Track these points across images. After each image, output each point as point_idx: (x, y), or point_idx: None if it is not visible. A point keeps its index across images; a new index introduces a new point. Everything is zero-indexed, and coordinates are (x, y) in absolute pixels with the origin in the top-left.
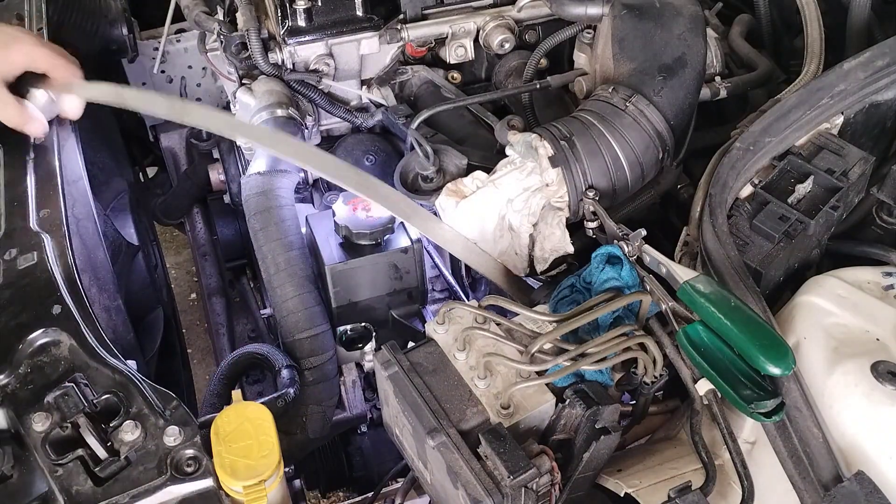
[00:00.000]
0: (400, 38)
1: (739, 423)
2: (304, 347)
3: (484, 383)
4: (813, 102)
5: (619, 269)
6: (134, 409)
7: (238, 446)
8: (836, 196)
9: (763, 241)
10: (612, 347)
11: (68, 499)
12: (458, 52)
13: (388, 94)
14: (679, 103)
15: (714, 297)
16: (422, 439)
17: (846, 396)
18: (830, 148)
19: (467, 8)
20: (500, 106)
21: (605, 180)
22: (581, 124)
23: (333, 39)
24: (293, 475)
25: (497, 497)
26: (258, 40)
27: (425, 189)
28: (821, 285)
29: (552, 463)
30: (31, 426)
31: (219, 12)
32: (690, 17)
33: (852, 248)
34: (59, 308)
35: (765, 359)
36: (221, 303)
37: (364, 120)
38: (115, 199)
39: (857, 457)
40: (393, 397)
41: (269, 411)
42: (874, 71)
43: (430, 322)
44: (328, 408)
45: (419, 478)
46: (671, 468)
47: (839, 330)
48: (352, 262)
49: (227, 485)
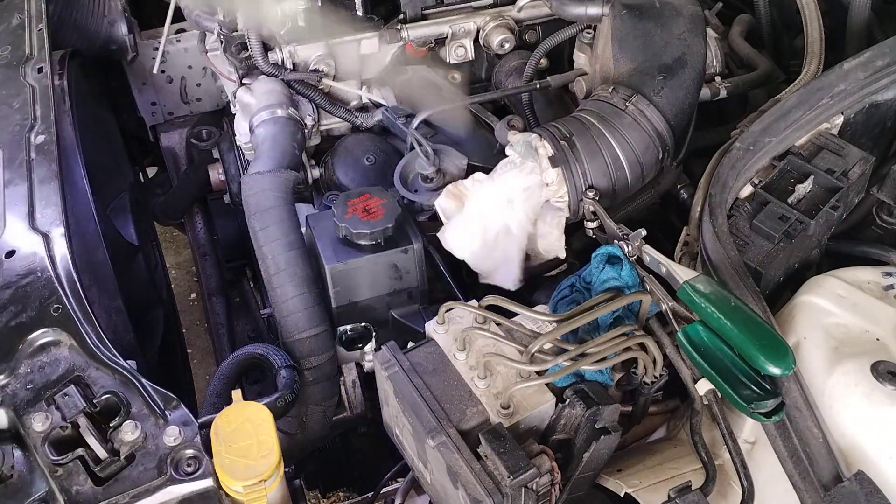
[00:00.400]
0: (400, 38)
1: (739, 423)
2: (304, 347)
3: (484, 383)
4: (813, 102)
5: (619, 269)
6: (134, 409)
7: (238, 446)
8: (836, 196)
9: (763, 241)
10: (612, 347)
11: (68, 499)
12: (458, 52)
13: (388, 94)
14: (679, 103)
15: (714, 297)
16: (422, 439)
17: (846, 396)
18: (830, 148)
19: (467, 8)
20: (500, 106)
21: (605, 180)
22: (581, 124)
23: (333, 39)
24: (293, 475)
25: (497, 497)
26: (258, 40)
27: (425, 189)
28: (821, 285)
29: (552, 463)
30: (31, 426)
31: (219, 12)
32: (690, 17)
33: (852, 248)
34: (59, 308)
35: (765, 359)
36: (221, 303)
37: (364, 120)
38: (115, 199)
39: (857, 457)
40: (393, 397)
41: (269, 411)
42: (874, 71)
43: (430, 322)
44: (328, 408)
45: (419, 478)
46: (671, 468)
47: (839, 330)
48: (352, 262)
49: (227, 485)
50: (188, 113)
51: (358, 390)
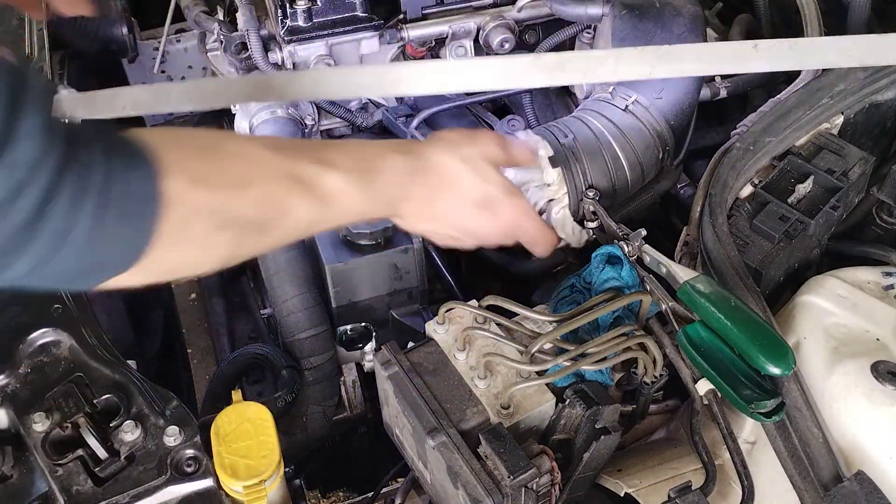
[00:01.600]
0: (400, 38)
1: (739, 423)
2: (304, 347)
3: (484, 383)
4: (813, 102)
5: (619, 269)
6: (134, 409)
7: (238, 446)
8: (836, 196)
9: (763, 241)
10: (612, 347)
11: (68, 499)
12: (458, 52)
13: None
14: (679, 103)
15: (714, 297)
16: (422, 439)
17: (846, 396)
18: (830, 148)
19: (467, 8)
20: (500, 106)
21: (605, 180)
22: (581, 124)
23: (333, 39)
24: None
25: (497, 497)
26: (258, 40)
27: None
28: (821, 285)
29: (552, 463)
30: (31, 426)
31: (219, 12)
32: (690, 17)
33: (852, 248)
34: (59, 308)
35: (765, 359)
36: (221, 303)
37: (364, 120)
38: None
39: (857, 457)
40: (393, 397)
41: (269, 411)
42: (874, 71)
43: (430, 322)
44: (328, 408)
45: (419, 478)
46: (671, 468)
47: (839, 330)
48: (352, 262)
49: (227, 485)
50: (188, 113)
51: (358, 390)
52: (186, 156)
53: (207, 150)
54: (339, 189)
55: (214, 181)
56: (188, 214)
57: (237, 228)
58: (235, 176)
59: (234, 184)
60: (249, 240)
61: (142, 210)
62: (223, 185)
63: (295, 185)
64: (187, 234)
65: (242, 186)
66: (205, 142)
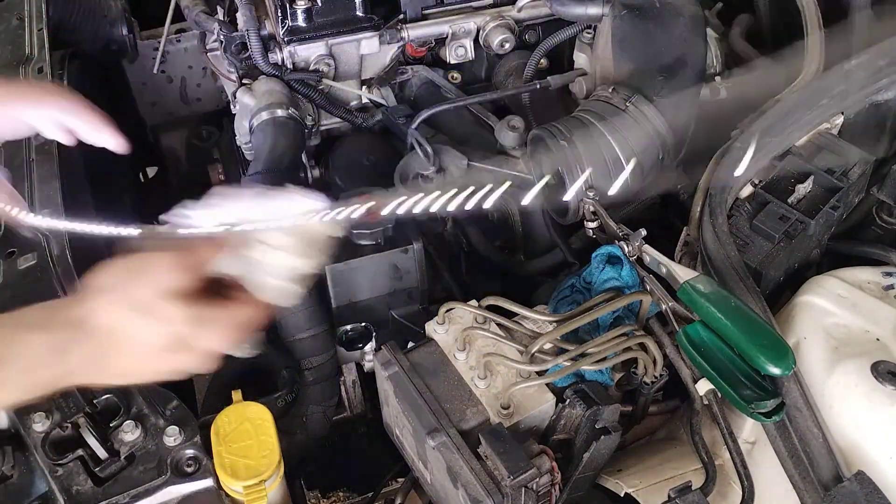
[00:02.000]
0: (400, 38)
1: (739, 423)
2: (304, 347)
3: (484, 383)
4: (813, 102)
5: (619, 269)
6: (134, 410)
7: (238, 446)
8: (836, 196)
9: (763, 241)
10: (613, 347)
11: (68, 499)
12: (458, 52)
13: (388, 94)
14: (679, 103)
15: (714, 297)
16: (422, 439)
17: (846, 396)
18: (830, 148)
19: (467, 8)
20: (500, 106)
21: (606, 180)
22: (581, 124)
23: (333, 39)
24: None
25: (497, 497)
26: (258, 40)
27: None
28: (821, 285)
29: (552, 463)
30: (31, 426)
31: (219, 12)
32: (690, 17)
33: (852, 248)
34: None
35: (765, 359)
36: None
37: (364, 120)
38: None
39: (857, 457)
40: (393, 397)
41: (269, 411)
42: (874, 71)
43: (430, 322)
44: (328, 408)
45: (419, 478)
46: (671, 468)
47: (839, 330)
48: (352, 262)
49: (227, 485)
50: (188, 113)
51: (358, 390)
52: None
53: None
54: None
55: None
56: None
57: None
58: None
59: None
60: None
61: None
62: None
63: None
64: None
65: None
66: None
